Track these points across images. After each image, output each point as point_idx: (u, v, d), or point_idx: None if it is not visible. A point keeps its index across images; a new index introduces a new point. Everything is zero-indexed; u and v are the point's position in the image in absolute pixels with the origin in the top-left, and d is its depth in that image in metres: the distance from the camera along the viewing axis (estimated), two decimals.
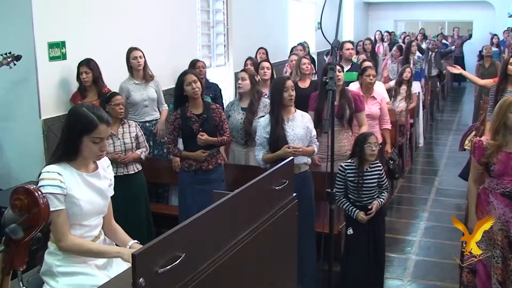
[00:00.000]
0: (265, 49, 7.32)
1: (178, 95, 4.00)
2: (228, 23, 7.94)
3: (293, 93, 3.74)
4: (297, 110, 3.88)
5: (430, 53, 10.60)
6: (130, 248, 2.51)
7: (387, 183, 3.84)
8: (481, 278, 3.39)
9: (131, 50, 5.10)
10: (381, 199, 3.73)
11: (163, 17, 6.15)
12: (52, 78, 4.65)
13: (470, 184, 3.49)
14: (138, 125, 4.46)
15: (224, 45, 7.96)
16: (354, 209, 3.68)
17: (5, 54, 4.26)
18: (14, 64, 4.29)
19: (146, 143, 4.40)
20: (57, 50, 4.66)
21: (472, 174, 3.48)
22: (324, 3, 2.85)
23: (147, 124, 5.10)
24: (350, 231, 3.71)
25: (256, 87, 4.58)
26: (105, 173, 2.52)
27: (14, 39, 4.46)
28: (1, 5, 4.49)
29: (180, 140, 4.19)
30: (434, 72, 10.50)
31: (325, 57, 9.93)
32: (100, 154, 2.41)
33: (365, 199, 3.70)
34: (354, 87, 5.26)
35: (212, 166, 4.01)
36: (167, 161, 4.89)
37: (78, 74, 4.67)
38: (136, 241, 2.56)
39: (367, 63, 5.84)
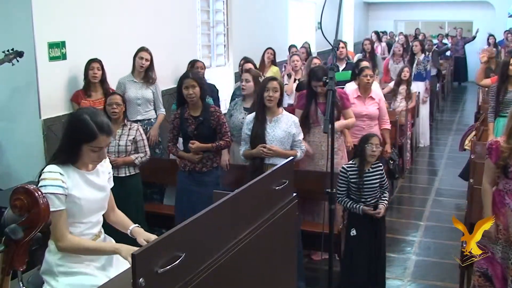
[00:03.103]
0: (273, 50, 7.32)
1: (178, 95, 4.05)
2: (228, 23, 7.94)
3: (275, 94, 3.76)
4: (285, 113, 3.91)
5: (427, 53, 10.59)
6: (130, 232, 2.54)
7: (387, 183, 3.85)
8: (499, 280, 3.33)
9: (140, 49, 5.14)
10: (385, 201, 3.75)
11: (163, 17, 6.15)
12: (52, 78, 4.64)
13: (485, 186, 3.37)
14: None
15: (224, 45, 7.96)
16: (358, 205, 3.68)
17: (7, 50, 4.21)
18: (17, 61, 4.22)
19: (147, 149, 4.33)
20: (57, 50, 4.65)
21: (488, 176, 3.37)
22: (324, 3, 2.84)
23: (140, 123, 5.09)
24: (354, 232, 3.71)
25: None
26: (103, 168, 2.55)
27: (14, 39, 4.45)
28: (1, 5, 4.48)
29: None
30: (433, 71, 10.49)
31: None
32: (97, 161, 2.44)
33: (368, 199, 3.71)
34: (350, 87, 5.27)
35: (206, 169, 4.02)
36: (161, 161, 4.90)
37: (87, 70, 4.68)
38: (136, 225, 2.59)
39: (365, 63, 5.83)
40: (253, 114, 3.91)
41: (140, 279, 1.29)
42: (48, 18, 4.55)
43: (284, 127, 3.81)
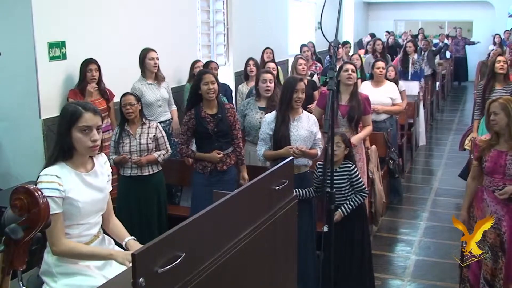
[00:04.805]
0: (271, 49, 7.34)
1: (194, 94, 3.97)
2: (228, 23, 7.94)
3: (302, 95, 3.75)
4: (304, 112, 3.89)
5: (422, 52, 10.61)
6: (125, 244, 2.53)
7: (363, 186, 3.71)
8: (474, 272, 3.44)
9: (147, 50, 5.11)
10: (349, 206, 3.61)
11: (163, 17, 6.15)
12: (52, 78, 4.64)
13: (468, 180, 3.64)
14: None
15: (224, 45, 7.96)
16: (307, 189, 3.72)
17: None
18: None
19: (168, 146, 4.30)
20: (57, 50, 4.65)
21: (471, 171, 3.63)
22: (324, 3, 2.85)
23: (162, 124, 5.07)
24: (325, 228, 3.63)
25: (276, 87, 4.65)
26: (102, 170, 2.52)
27: (14, 39, 4.46)
28: (1, 5, 4.49)
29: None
30: (428, 71, 10.51)
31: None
32: (92, 146, 2.36)
33: (336, 198, 3.59)
34: None
35: (227, 166, 3.99)
36: (177, 163, 4.83)
37: (84, 72, 4.67)
38: (132, 237, 2.57)
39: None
40: (273, 113, 3.85)
41: (140, 279, 1.29)
42: (48, 18, 4.55)
43: (306, 126, 3.78)
